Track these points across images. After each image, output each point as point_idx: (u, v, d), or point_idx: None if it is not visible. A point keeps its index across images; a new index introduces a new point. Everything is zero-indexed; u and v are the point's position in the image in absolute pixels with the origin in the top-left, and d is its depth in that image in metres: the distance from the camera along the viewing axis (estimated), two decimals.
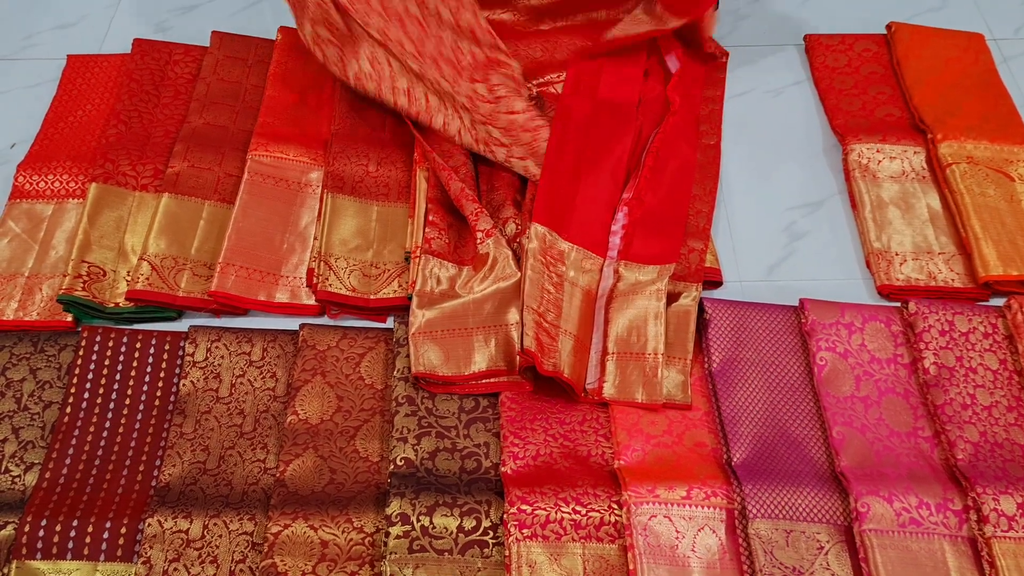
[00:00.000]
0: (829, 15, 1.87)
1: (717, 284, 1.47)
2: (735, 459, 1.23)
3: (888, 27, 1.81)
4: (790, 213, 1.58)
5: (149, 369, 1.35)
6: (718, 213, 1.56)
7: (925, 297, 1.41)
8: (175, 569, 1.15)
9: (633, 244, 1.42)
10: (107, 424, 1.30)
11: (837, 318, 1.34)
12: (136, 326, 1.41)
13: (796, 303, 1.38)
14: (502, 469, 1.22)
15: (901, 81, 1.72)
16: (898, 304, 1.40)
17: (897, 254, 1.48)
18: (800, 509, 1.17)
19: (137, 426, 1.30)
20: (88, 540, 1.17)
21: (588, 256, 1.40)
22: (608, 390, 1.31)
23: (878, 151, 1.60)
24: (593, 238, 1.43)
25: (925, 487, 1.18)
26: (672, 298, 1.37)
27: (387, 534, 1.15)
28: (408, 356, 1.32)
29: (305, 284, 1.45)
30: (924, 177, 1.58)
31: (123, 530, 1.18)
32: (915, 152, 1.60)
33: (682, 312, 1.36)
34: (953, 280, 1.45)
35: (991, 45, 1.78)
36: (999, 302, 1.42)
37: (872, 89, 1.72)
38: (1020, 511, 1.15)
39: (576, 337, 1.33)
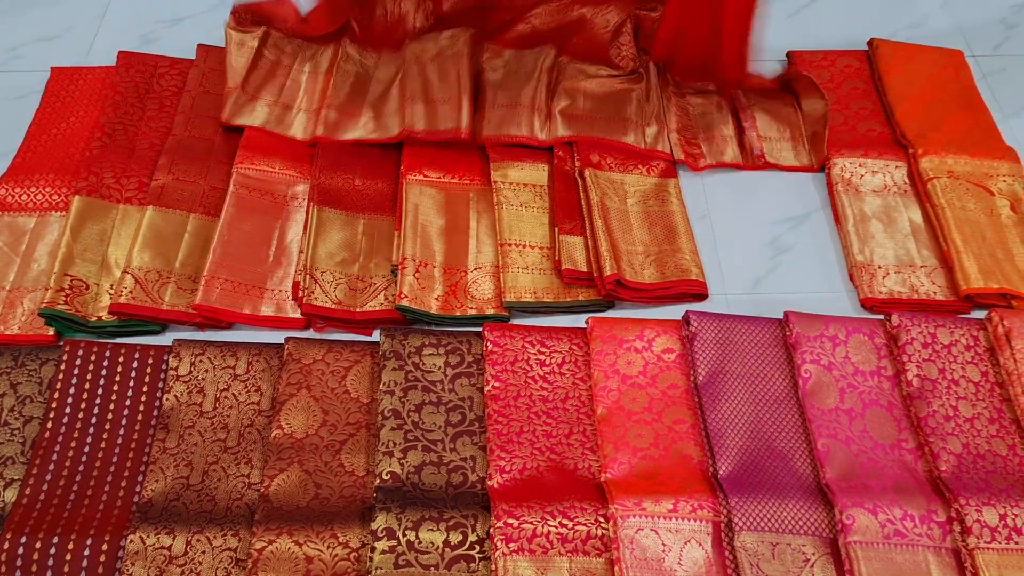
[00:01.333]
0: (811, 32, 1.90)
1: (702, 297, 1.48)
2: (721, 472, 1.23)
3: (870, 43, 1.83)
4: (774, 227, 1.60)
5: (132, 383, 1.34)
6: (703, 226, 1.58)
7: (908, 310, 1.43)
8: None
9: None
10: (89, 439, 1.28)
11: (821, 331, 1.35)
12: (119, 340, 1.40)
13: (781, 316, 1.39)
14: (488, 483, 1.22)
15: (883, 97, 1.74)
16: (881, 317, 1.42)
17: (880, 267, 1.49)
18: (786, 521, 1.18)
19: (119, 441, 1.29)
20: (69, 557, 1.15)
21: None
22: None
23: (860, 165, 1.62)
24: None
25: (909, 499, 1.19)
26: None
27: (373, 549, 1.14)
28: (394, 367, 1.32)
29: (291, 297, 1.45)
30: (906, 191, 1.60)
31: (104, 547, 1.16)
32: (897, 167, 1.62)
33: None
34: (935, 293, 1.47)
35: (970, 62, 1.81)
36: (981, 314, 1.43)
37: (854, 104, 1.74)
38: (1002, 522, 1.16)
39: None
